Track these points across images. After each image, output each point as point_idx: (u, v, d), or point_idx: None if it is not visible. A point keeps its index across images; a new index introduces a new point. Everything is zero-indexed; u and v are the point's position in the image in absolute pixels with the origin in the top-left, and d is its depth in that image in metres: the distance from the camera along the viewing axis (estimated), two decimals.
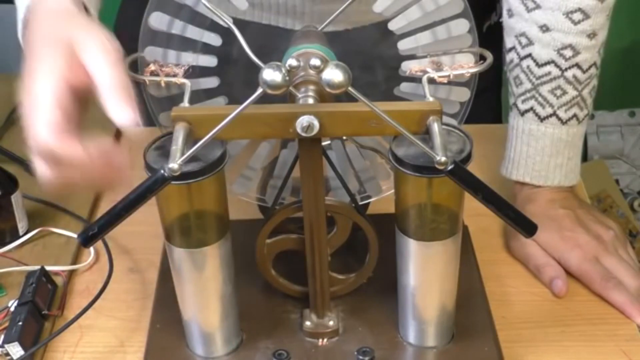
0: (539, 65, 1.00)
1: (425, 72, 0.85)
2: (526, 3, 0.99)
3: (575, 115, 1.02)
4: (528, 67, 1.01)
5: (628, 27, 0.99)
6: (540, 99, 1.01)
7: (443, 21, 0.86)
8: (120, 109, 0.75)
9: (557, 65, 0.99)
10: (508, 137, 1.06)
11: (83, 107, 0.78)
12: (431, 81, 0.84)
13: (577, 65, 0.99)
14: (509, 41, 1.03)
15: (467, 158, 0.77)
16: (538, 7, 0.98)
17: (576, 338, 0.93)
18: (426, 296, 0.86)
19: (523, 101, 1.02)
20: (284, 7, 1.03)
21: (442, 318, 0.87)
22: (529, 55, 1.00)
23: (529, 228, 0.77)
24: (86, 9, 0.84)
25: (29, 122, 0.76)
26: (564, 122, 1.02)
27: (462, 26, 0.86)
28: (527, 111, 1.02)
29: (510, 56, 1.03)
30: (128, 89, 0.76)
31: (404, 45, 0.87)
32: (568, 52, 0.99)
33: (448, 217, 0.82)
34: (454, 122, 0.89)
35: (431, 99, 0.81)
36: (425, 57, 0.87)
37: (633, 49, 1.01)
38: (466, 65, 0.86)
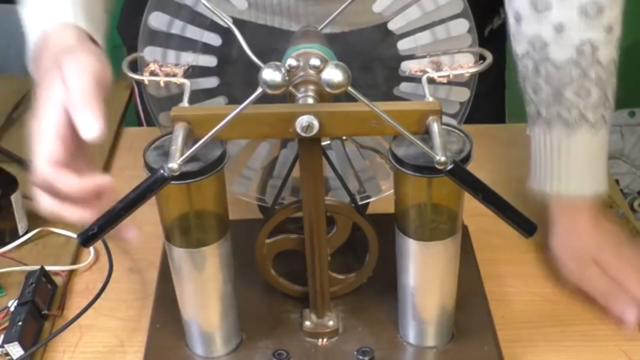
0: (558, 67, 0.95)
1: (424, 72, 0.85)
2: (536, 4, 0.95)
3: (602, 116, 0.97)
4: (547, 70, 0.96)
5: (628, 27, 0.99)
6: (566, 103, 0.96)
7: (442, 21, 0.86)
8: (86, 123, 0.78)
9: (577, 65, 0.95)
10: (533, 148, 1.00)
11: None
12: (431, 81, 0.84)
13: (598, 62, 0.95)
14: (520, 48, 0.98)
15: (467, 158, 0.77)
16: (550, 6, 0.94)
17: (576, 338, 0.93)
18: (426, 296, 0.86)
19: (547, 108, 0.97)
20: (278, 8, 1.02)
21: (442, 318, 0.87)
22: (547, 58, 0.96)
23: (529, 228, 0.77)
24: (92, 39, 0.87)
25: (34, 155, 0.80)
26: (592, 125, 0.96)
27: (462, 26, 0.86)
28: (553, 118, 0.97)
29: (524, 62, 0.98)
30: (95, 101, 0.79)
31: (403, 45, 0.87)
32: (587, 49, 0.94)
33: (448, 217, 0.82)
34: (453, 122, 0.89)
35: (431, 99, 0.81)
36: (424, 57, 0.87)
37: (633, 49, 1.01)
38: (466, 65, 0.86)
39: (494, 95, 1.33)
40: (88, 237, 0.75)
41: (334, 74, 0.73)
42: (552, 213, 1.00)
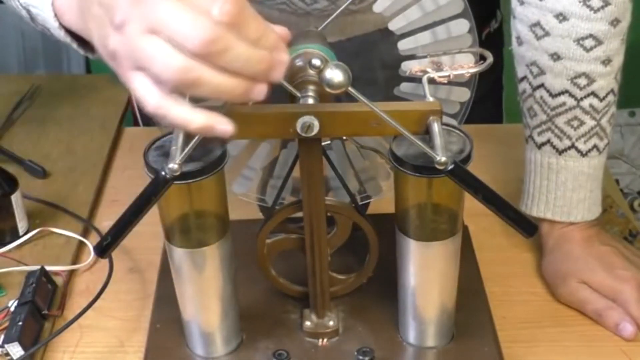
0: (553, 96, 0.95)
1: (425, 72, 0.85)
2: (535, 30, 0.94)
3: (595, 146, 0.97)
4: (541, 97, 0.96)
5: (629, 26, 0.99)
6: (556, 130, 0.96)
7: (443, 21, 0.86)
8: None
9: (571, 95, 0.95)
10: (525, 170, 1.01)
11: None
12: (431, 81, 0.84)
13: (594, 94, 0.94)
14: (520, 70, 0.98)
15: (467, 158, 0.77)
16: (547, 34, 0.93)
17: (576, 338, 0.93)
18: (426, 296, 0.86)
19: (539, 133, 0.97)
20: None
21: (442, 318, 0.87)
22: (542, 85, 0.96)
23: (529, 228, 0.77)
24: None
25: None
26: (584, 155, 0.97)
27: (462, 26, 0.86)
28: (544, 144, 0.97)
29: (523, 86, 0.98)
30: None
31: (404, 46, 0.87)
32: (582, 81, 0.94)
33: (448, 217, 0.82)
34: (454, 122, 0.89)
35: (431, 99, 0.81)
36: (425, 57, 0.87)
37: (633, 49, 1.01)
38: (466, 65, 0.86)
39: (490, 99, 1.32)
40: (103, 247, 0.75)
41: (334, 74, 0.73)
42: (542, 237, 1.01)
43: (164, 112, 0.68)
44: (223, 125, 0.68)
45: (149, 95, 0.67)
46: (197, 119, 0.68)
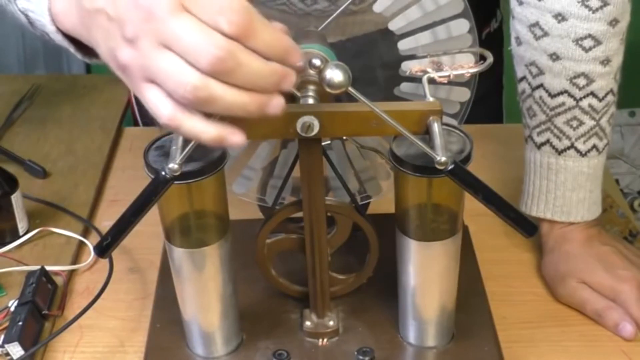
0: (552, 96, 0.95)
1: (425, 72, 0.85)
2: (534, 31, 0.94)
3: (594, 146, 0.97)
4: (541, 97, 0.96)
5: (628, 27, 0.99)
6: (556, 130, 0.96)
7: (443, 21, 0.86)
8: None
9: (570, 95, 0.95)
10: (525, 170, 1.01)
11: None
12: (431, 81, 0.84)
13: (593, 94, 0.94)
14: (519, 71, 0.98)
15: (467, 158, 0.77)
16: (546, 34, 0.93)
17: (576, 338, 0.93)
18: (426, 296, 0.86)
19: (538, 133, 0.98)
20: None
21: (442, 318, 0.87)
22: (541, 85, 0.96)
23: (529, 228, 0.77)
24: None
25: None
26: (583, 154, 0.97)
27: (462, 26, 0.86)
28: (543, 144, 0.98)
29: (522, 86, 0.98)
30: None
31: (404, 46, 0.87)
32: (581, 81, 0.94)
33: (448, 217, 0.82)
34: (454, 122, 0.89)
35: (431, 99, 0.81)
36: (425, 57, 0.87)
37: (633, 49, 1.01)
38: (466, 65, 0.86)
39: (491, 99, 1.32)
40: (103, 247, 0.75)
41: (334, 74, 0.73)
42: (542, 237, 1.01)
43: (177, 124, 0.68)
44: (235, 137, 0.69)
45: (163, 108, 0.68)
46: (210, 130, 0.69)
